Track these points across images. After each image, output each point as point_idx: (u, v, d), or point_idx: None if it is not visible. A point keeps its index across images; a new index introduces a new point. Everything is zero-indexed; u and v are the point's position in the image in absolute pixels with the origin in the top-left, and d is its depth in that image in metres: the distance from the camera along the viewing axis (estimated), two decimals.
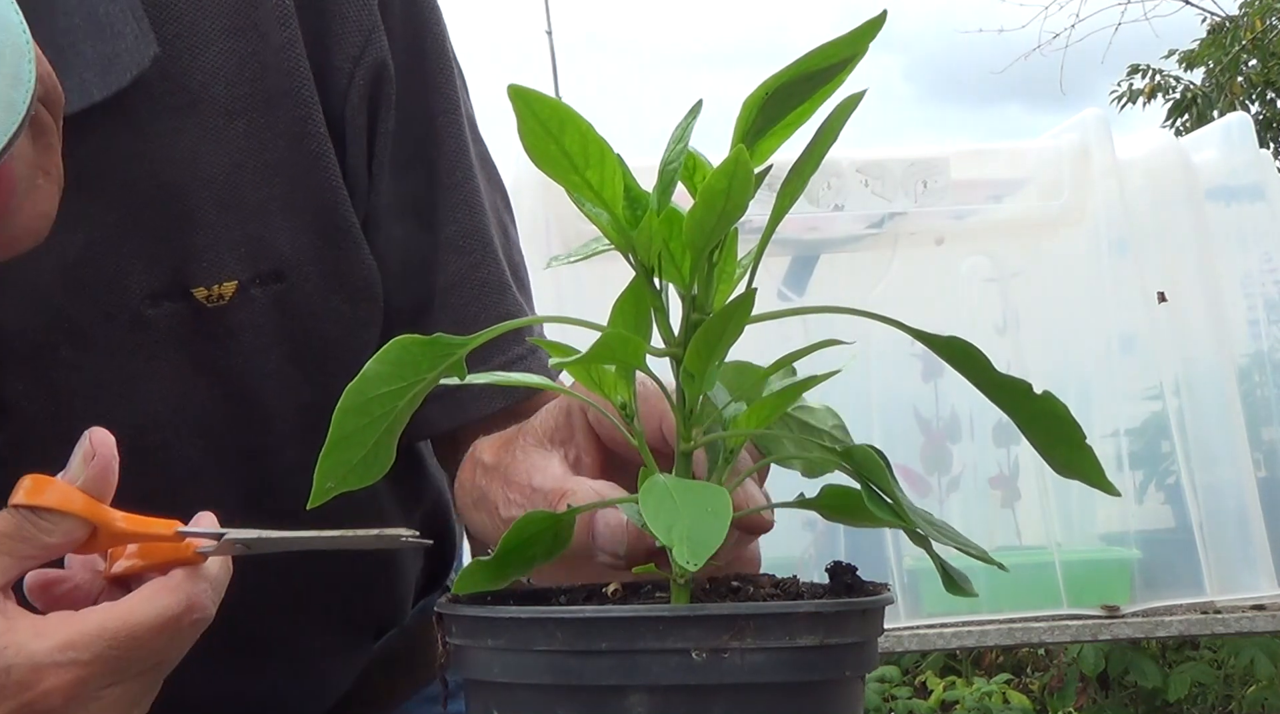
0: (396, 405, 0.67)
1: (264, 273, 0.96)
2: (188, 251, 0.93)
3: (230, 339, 0.96)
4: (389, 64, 0.98)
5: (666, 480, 0.64)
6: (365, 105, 0.98)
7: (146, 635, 0.74)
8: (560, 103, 0.64)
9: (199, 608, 0.76)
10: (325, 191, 0.97)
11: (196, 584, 0.76)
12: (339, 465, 0.68)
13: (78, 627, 0.74)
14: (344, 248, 0.98)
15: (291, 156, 0.96)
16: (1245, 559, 2.76)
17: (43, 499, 0.76)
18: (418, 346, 0.66)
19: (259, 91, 0.95)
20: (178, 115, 0.93)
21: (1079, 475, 0.68)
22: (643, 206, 0.67)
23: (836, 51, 0.62)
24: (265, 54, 0.95)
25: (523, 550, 0.73)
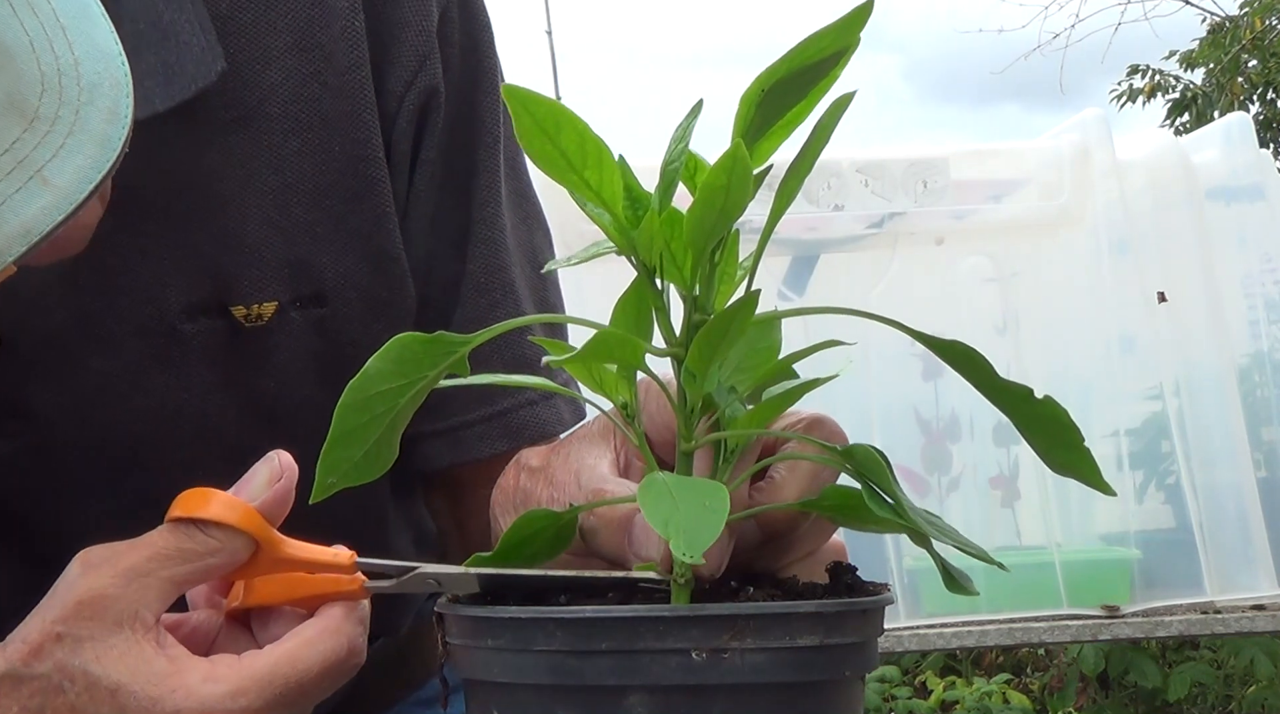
0: (398, 403, 0.67)
1: (305, 296, 0.94)
2: (230, 268, 0.92)
3: (264, 360, 0.94)
4: (440, 90, 0.97)
5: (665, 477, 0.64)
6: (411, 130, 0.96)
7: (312, 680, 0.71)
8: (556, 103, 0.64)
9: (357, 651, 0.73)
10: (377, 218, 0.95)
11: (355, 626, 0.73)
12: (340, 462, 0.68)
13: (249, 672, 0.70)
14: (389, 275, 0.97)
15: (345, 180, 0.94)
16: (1245, 559, 2.76)
17: (207, 511, 0.71)
18: (419, 344, 0.66)
19: (318, 112, 0.93)
20: (232, 130, 0.91)
21: (1076, 475, 0.68)
22: (644, 206, 0.67)
23: (828, 43, 0.62)
24: (328, 75, 0.93)
25: (523, 547, 0.73)
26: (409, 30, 0.95)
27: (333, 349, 0.95)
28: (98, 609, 0.68)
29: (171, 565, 0.70)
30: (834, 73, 0.64)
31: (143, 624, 0.69)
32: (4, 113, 0.62)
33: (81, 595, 0.69)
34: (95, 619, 0.68)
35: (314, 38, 0.93)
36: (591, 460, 0.77)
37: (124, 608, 0.69)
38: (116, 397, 0.91)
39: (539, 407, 1.02)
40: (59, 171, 0.63)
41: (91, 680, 0.68)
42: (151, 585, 0.70)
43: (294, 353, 0.94)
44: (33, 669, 0.68)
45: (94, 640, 0.68)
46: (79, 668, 0.68)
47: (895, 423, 2.85)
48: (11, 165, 0.62)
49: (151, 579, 0.70)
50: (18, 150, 0.63)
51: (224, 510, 0.71)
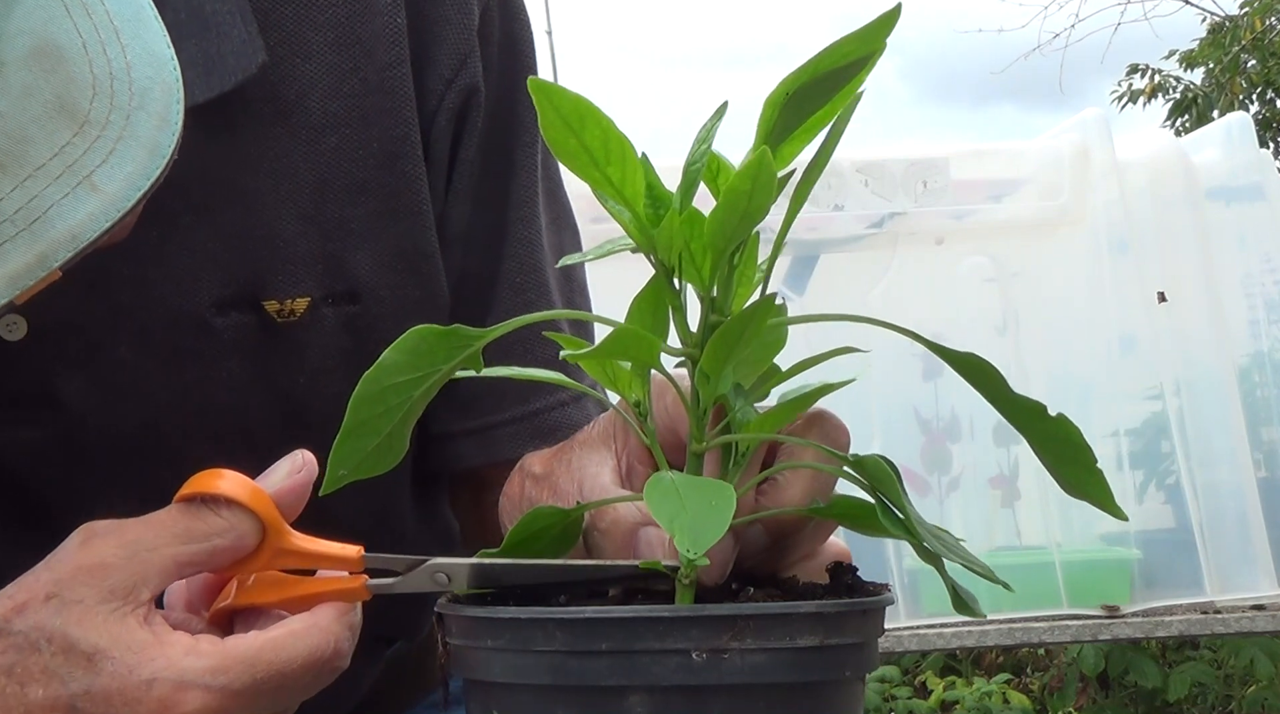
0: (412, 395, 0.67)
1: (338, 293, 0.93)
2: (263, 263, 0.91)
3: (296, 356, 0.93)
4: (480, 89, 0.96)
5: (673, 476, 0.64)
6: (450, 129, 0.96)
7: (294, 672, 0.69)
8: (581, 98, 0.64)
9: (342, 654, 0.71)
10: (413, 216, 0.95)
11: (344, 628, 0.71)
12: (353, 453, 0.68)
13: (231, 654, 0.69)
14: (423, 274, 0.96)
15: (382, 177, 0.94)
16: (1245, 559, 2.76)
17: (217, 488, 0.70)
18: (434, 336, 0.66)
19: (356, 108, 0.93)
20: (270, 124, 0.91)
21: (1089, 498, 0.68)
22: (665, 206, 0.67)
23: (853, 49, 0.62)
24: (368, 71, 0.93)
25: (528, 546, 0.73)
26: (450, 28, 0.95)
27: (364, 347, 0.94)
28: (96, 577, 0.68)
29: (177, 544, 0.69)
30: (859, 77, 0.64)
31: (136, 599, 0.68)
32: (55, 116, 0.62)
33: (82, 561, 0.68)
34: (90, 585, 0.67)
35: (354, 33, 0.92)
36: (594, 469, 0.76)
37: (121, 580, 0.68)
38: (146, 389, 0.91)
39: (570, 408, 1.01)
40: (108, 178, 0.63)
41: (70, 643, 0.67)
42: (154, 562, 0.69)
43: (325, 350, 0.94)
44: (12, 625, 0.67)
45: (82, 605, 0.67)
46: (59, 629, 0.67)
47: (895, 423, 2.85)
48: (60, 169, 0.62)
49: (155, 555, 0.69)
50: (67, 154, 0.62)
51: (234, 488, 0.70)
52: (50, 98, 0.62)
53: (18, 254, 0.63)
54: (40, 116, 0.62)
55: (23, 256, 0.63)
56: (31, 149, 0.62)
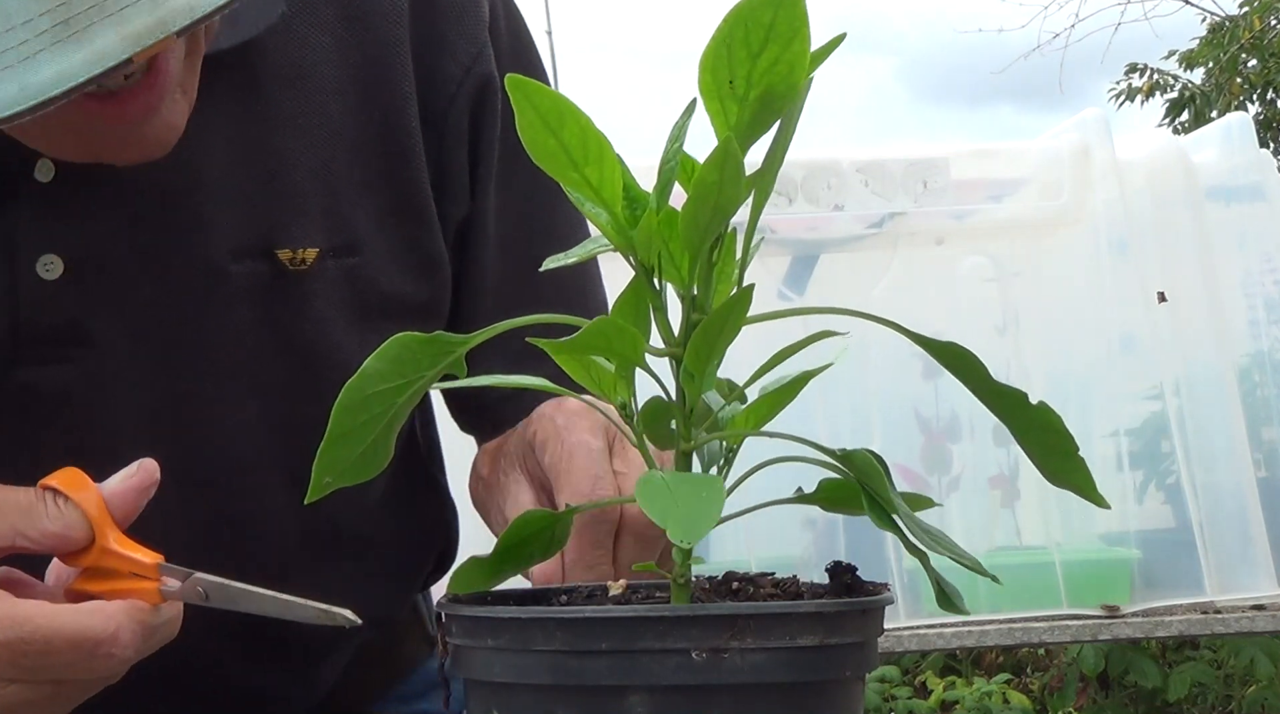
0: (396, 402, 0.67)
1: (340, 245, 0.99)
2: (277, 214, 0.97)
3: (304, 303, 0.99)
4: (495, 78, 1.04)
5: (662, 474, 0.64)
6: (469, 110, 1.04)
7: (60, 645, 0.74)
8: (560, 96, 0.64)
9: (119, 644, 0.75)
10: (408, 180, 1.02)
11: (131, 621, 0.76)
12: (337, 461, 0.68)
13: (8, 610, 0.74)
14: (416, 232, 1.02)
15: (380, 143, 1.01)
16: (1245, 559, 2.76)
17: (65, 485, 0.78)
18: (417, 344, 0.66)
19: (360, 78, 1.00)
20: (286, 85, 0.98)
21: (1070, 486, 0.68)
22: (642, 206, 0.67)
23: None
24: (370, 46, 1.01)
25: (519, 549, 0.73)
26: (467, 17, 1.04)
27: (364, 297, 1.01)
28: None
29: (15, 515, 0.77)
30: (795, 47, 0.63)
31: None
32: None
33: None
34: None
35: (359, 9, 1.01)
36: (515, 490, 0.86)
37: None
38: (166, 329, 0.96)
39: None
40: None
41: None
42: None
43: (329, 299, 1.00)
44: None
45: None
46: None
47: (895, 423, 2.84)
48: None
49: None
50: None
51: (70, 486, 0.78)
52: None
53: (139, 17, 0.69)
54: None
55: (144, 19, 0.69)
56: None
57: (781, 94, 0.63)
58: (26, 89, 0.70)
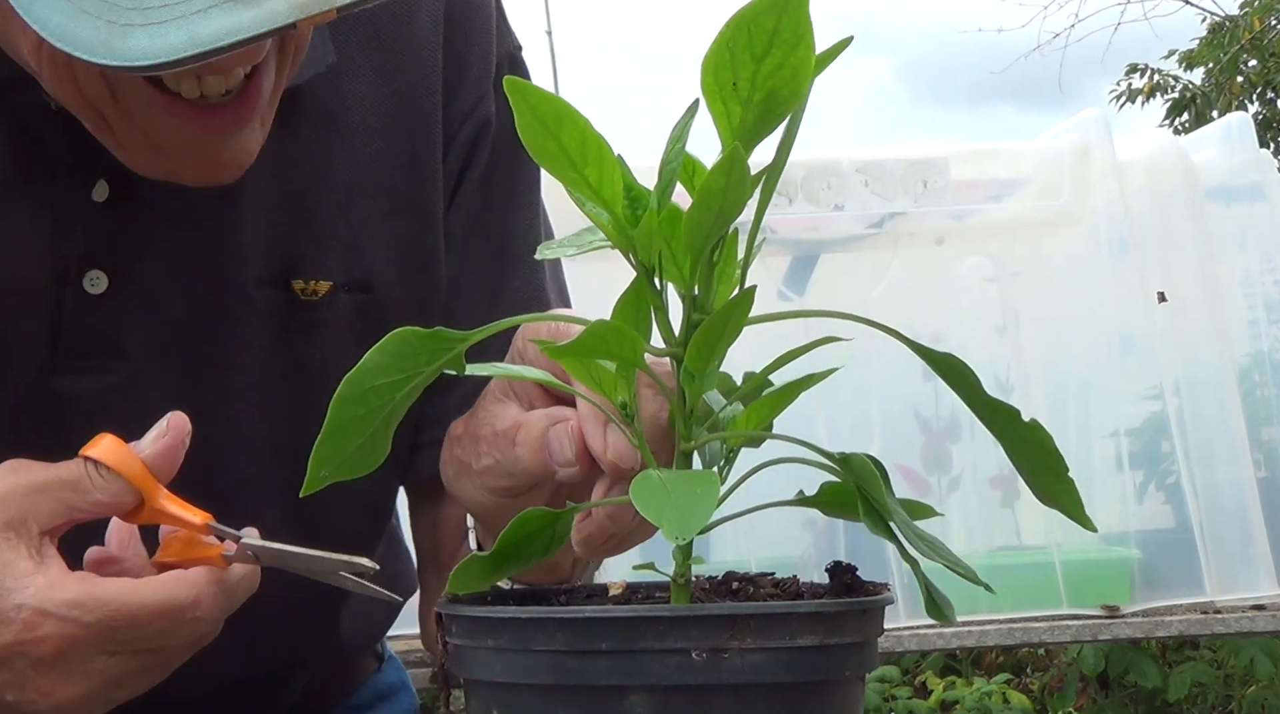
0: (394, 397, 0.67)
1: (355, 281, 1.04)
2: (299, 248, 1.02)
3: (314, 332, 1.03)
4: (491, 122, 1.09)
5: (659, 473, 0.64)
6: (463, 152, 1.09)
7: (147, 618, 0.78)
8: (558, 99, 0.64)
9: (204, 607, 0.80)
10: (426, 220, 1.07)
11: (210, 585, 0.80)
12: (333, 454, 0.68)
13: (90, 590, 0.78)
14: (430, 275, 1.07)
15: (406, 186, 1.06)
16: (1245, 559, 2.76)
17: (106, 456, 0.81)
18: (417, 339, 0.66)
19: (392, 126, 1.06)
20: (319, 128, 1.03)
21: (1059, 506, 0.68)
22: (643, 206, 0.67)
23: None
24: (407, 93, 1.06)
25: (520, 547, 0.73)
26: (474, 71, 1.09)
27: (373, 333, 1.03)
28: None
29: (66, 491, 0.81)
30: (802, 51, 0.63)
31: (26, 532, 0.80)
32: None
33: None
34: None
35: (397, 61, 1.06)
36: (499, 410, 0.86)
37: (15, 513, 0.80)
38: (191, 346, 1.00)
39: None
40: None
41: None
42: (45, 503, 0.80)
43: (339, 330, 1.04)
44: None
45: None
46: None
47: (895, 423, 2.85)
48: None
49: (47, 497, 0.81)
50: None
51: (107, 453, 0.82)
52: None
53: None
54: None
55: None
56: None
57: (785, 98, 0.63)
58: (195, 38, 0.74)
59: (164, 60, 0.74)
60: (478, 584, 0.73)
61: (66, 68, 0.84)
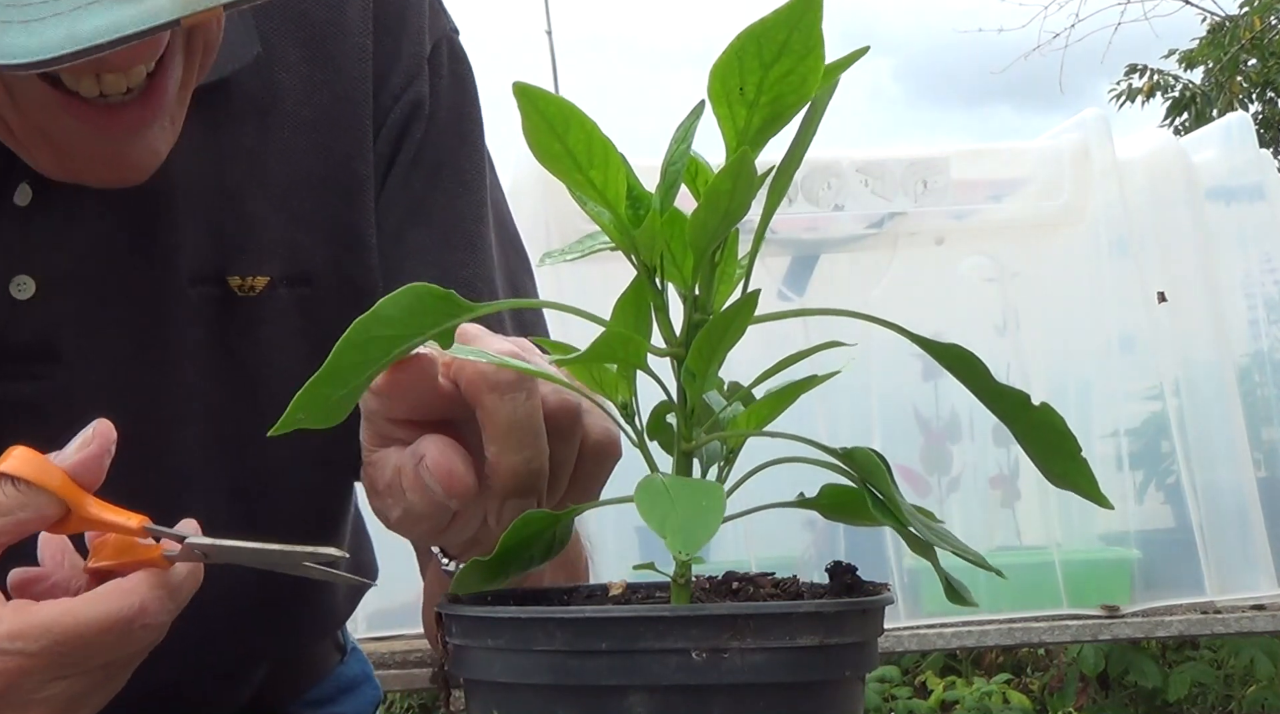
0: (391, 352, 0.67)
1: (293, 275, 1.02)
2: (233, 245, 1.00)
3: (253, 328, 1.01)
4: (424, 103, 1.07)
5: (663, 478, 0.64)
6: (394, 137, 1.06)
7: (93, 635, 0.74)
8: (566, 101, 0.64)
9: (151, 614, 0.75)
10: (361, 212, 1.05)
11: (153, 590, 0.76)
12: (317, 398, 0.67)
13: (28, 619, 0.74)
14: (366, 265, 1.04)
15: (340, 176, 1.04)
16: (1245, 559, 2.76)
17: (20, 469, 0.75)
18: (433, 298, 0.66)
19: (325, 115, 1.03)
20: (251, 120, 1.00)
21: (1073, 487, 0.68)
22: (645, 206, 0.67)
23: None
24: (338, 84, 1.04)
25: (521, 551, 0.73)
26: (404, 54, 1.07)
27: (314, 327, 1.02)
28: None
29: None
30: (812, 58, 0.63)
31: None
32: None
33: None
34: None
35: (326, 50, 1.04)
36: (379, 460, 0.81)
37: None
38: (129, 349, 0.98)
39: None
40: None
41: None
42: None
43: (279, 326, 1.02)
44: None
45: None
46: None
47: (895, 423, 2.85)
48: None
49: None
50: None
51: (21, 466, 0.75)
52: None
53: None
54: None
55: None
56: None
57: (792, 103, 0.63)
58: (75, 35, 0.71)
59: (41, 59, 0.72)
60: (479, 587, 0.73)
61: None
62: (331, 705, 1.25)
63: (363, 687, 1.28)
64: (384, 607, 2.52)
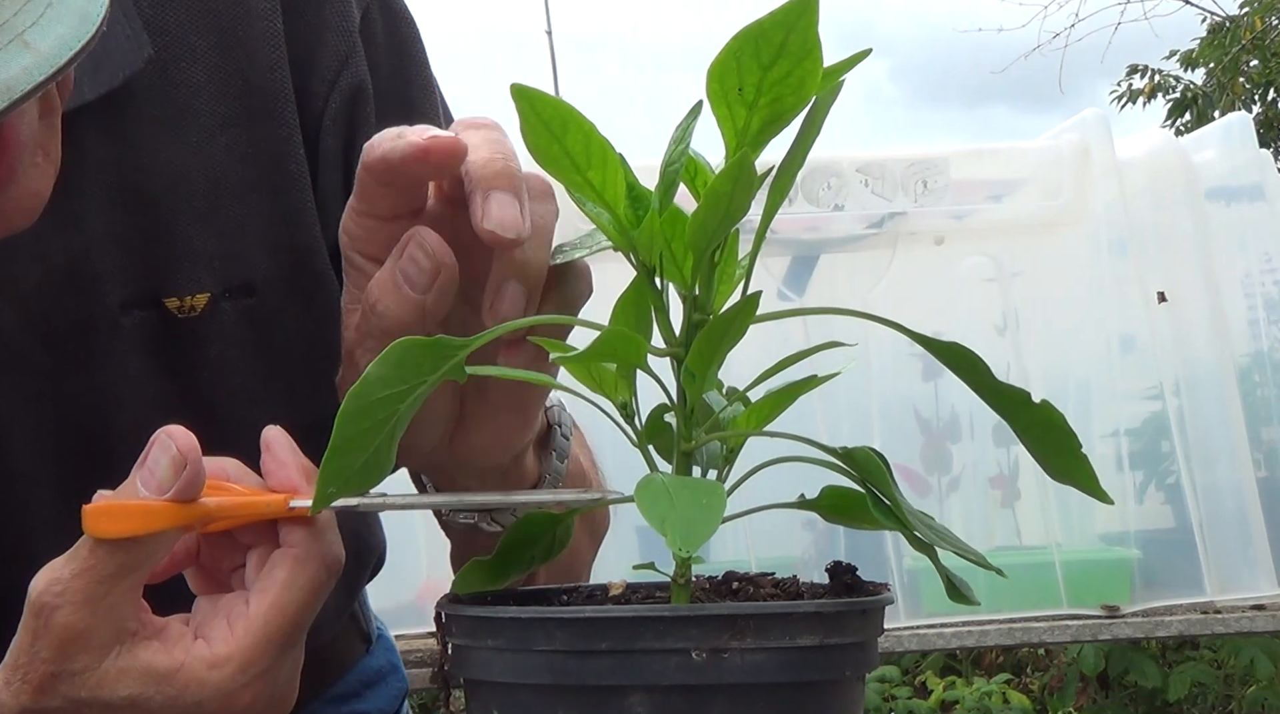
0: (398, 408, 0.67)
1: (235, 287, 0.95)
2: (163, 262, 0.93)
3: (197, 350, 0.95)
4: (367, 86, 0.98)
5: (663, 477, 0.64)
6: (341, 128, 0.98)
7: (304, 613, 0.73)
8: (563, 102, 0.64)
9: (335, 560, 0.74)
10: (298, 212, 0.97)
11: (321, 544, 0.73)
12: (341, 470, 0.67)
13: (247, 641, 0.71)
14: (312, 268, 0.97)
15: (269, 176, 0.96)
16: (1245, 559, 2.76)
17: (127, 529, 0.70)
18: (419, 348, 0.66)
19: (242, 109, 0.95)
20: (161, 126, 0.93)
21: (1074, 483, 0.68)
22: (645, 207, 0.67)
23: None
24: (251, 73, 0.95)
25: (521, 551, 0.73)
26: (329, 31, 0.97)
27: (264, 338, 0.96)
28: (80, 644, 0.70)
29: (119, 581, 0.70)
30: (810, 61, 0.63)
31: (128, 634, 0.71)
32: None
33: (60, 635, 0.69)
34: (83, 653, 0.70)
35: (235, 36, 0.95)
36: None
37: (103, 634, 0.70)
38: (66, 391, 0.92)
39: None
40: (41, 37, 0.64)
41: (105, 703, 0.70)
42: (115, 604, 0.70)
43: (227, 342, 0.95)
44: (43, 704, 0.70)
45: (90, 671, 0.70)
46: (88, 697, 0.70)
47: (895, 423, 2.85)
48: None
49: (111, 598, 0.70)
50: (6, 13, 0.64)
51: (142, 523, 0.70)
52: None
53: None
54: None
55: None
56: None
57: (791, 104, 0.63)
58: None
59: None
60: (480, 587, 0.73)
61: None
62: (356, 701, 1.19)
63: (389, 679, 1.23)
64: (384, 607, 2.52)
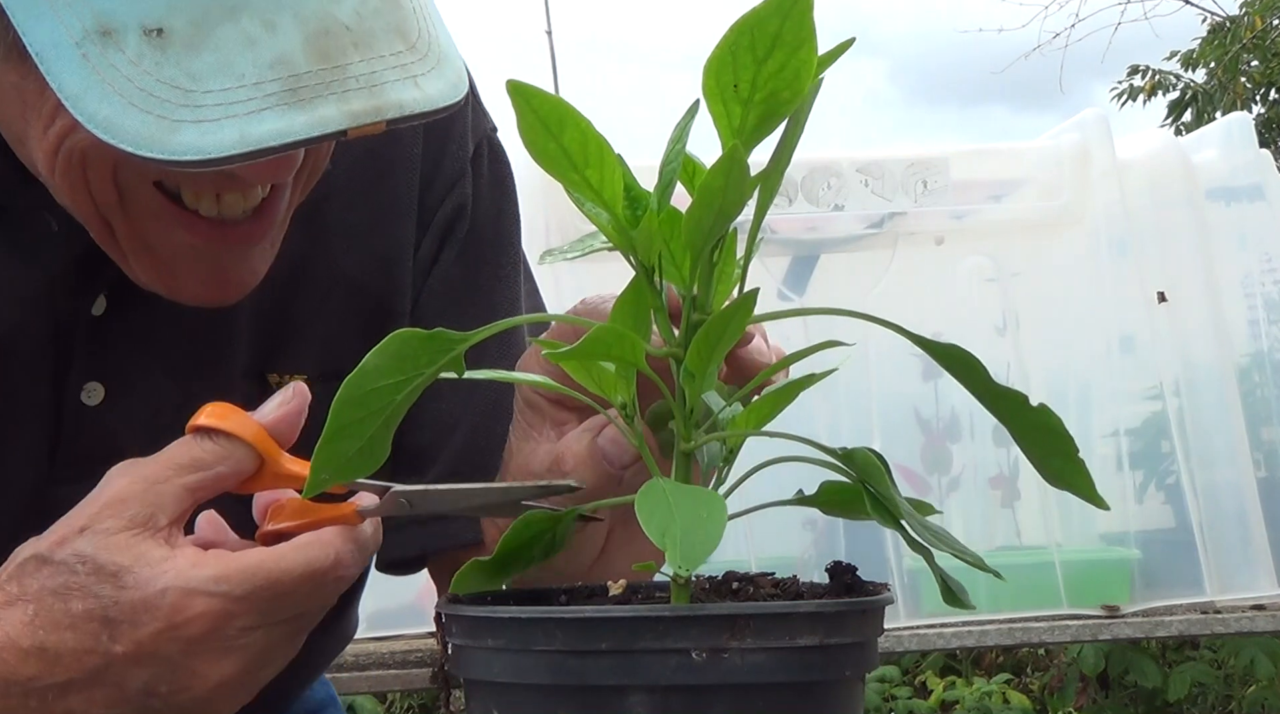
0: (394, 399, 0.67)
1: (329, 372, 1.02)
2: (276, 345, 1.03)
3: None
4: (468, 205, 1.09)
5: (665, 484, 0.64)
6: (438, 235, 1.09)
7: (292, 583, 0.77)
8: (560, 100, 0.64)
9: (344, 565, 0.78)
10: (398, 315, 1.07)
11: (346, 543, 0.79)
12: (335, 457, 0.68)
13: (233, 564, 0.77)
14: None
15: (378, 280, 1.06)
16: (1245, 559, 2.76)
17: (221, 423, 0.79)
18: (418, 341, 0.66)
19: (367, 219, 1.06)
20: (299, 224, 1.00)
21: (1070, 487, 0.68)
22: (643, 206, 0.67)
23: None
24: (384, 189, 1.06)
25: (522, 552, 0.73)
26: (449, 159, 1.09)
27: None
28: (118, 509, 0.78)
29: (185, 473, 0.79)
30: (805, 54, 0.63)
31: (154, 525, 0.78)
32: (393, 33, 0.81)
33: (108, 497, 0.79)
34: (114, 516, 0.78)
35: (378, 153, 1.05)
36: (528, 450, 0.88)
37: (139, 509, 0.78)
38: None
39: None
40: (428, 83, 0.81)
41: (99, 565, 0.77)
42: (167, 492, 0.79)
43: (314, 423, 1.00)
44: (54, 555, 0.79)
45: (108, 534, 0.78)
46: (90, 554, 0.78)
47: (895, 423, 2.85)
48: (395, 64, 0.80)
49: (168, 486, 0.79)
50: (401, 58, 0.81)
51: (222, 420, 0.79)
52: (392, 21, 0.81)
53: (359, 101, 0.78)
54: (384, 28, 0.80)
55: (363, 103, 0.78)
56: (376, 43, 0.80)
57: (787, 99, 0.63)
58: (246, 137, 0.75)
59: (213, 157, 0.75)
60: (479, 587, 0.73)
61: (80, 174, 0.84)
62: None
63: (327, 710, 1.27)
64: (384, 607, 2.52)
